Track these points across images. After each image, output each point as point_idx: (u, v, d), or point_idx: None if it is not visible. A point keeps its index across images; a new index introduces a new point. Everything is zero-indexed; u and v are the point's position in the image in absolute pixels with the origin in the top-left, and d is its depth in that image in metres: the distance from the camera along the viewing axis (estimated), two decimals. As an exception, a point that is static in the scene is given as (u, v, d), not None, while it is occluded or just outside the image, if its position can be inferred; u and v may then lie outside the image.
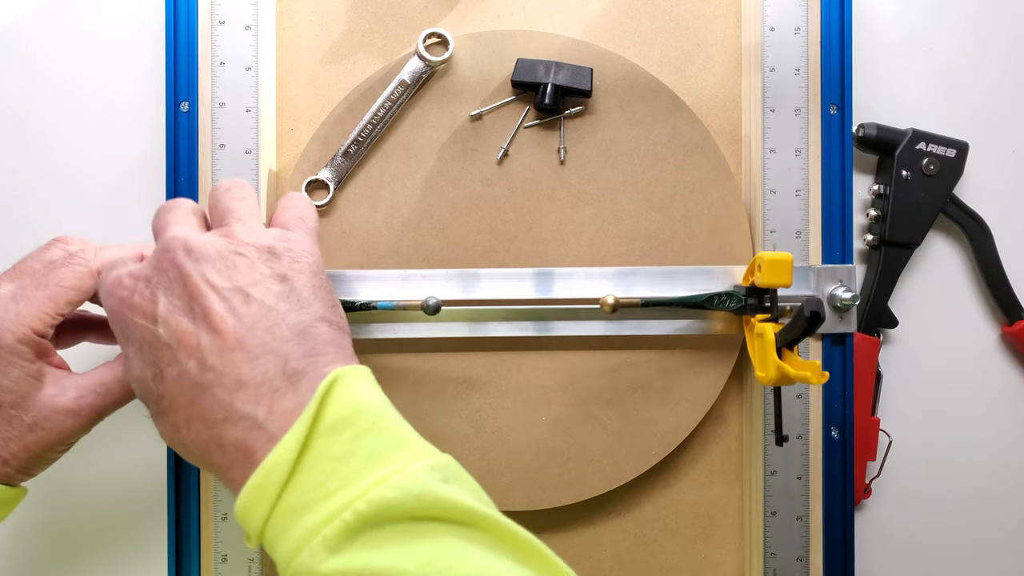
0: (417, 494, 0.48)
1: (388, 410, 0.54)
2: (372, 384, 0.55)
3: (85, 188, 0.82)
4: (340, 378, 0.52)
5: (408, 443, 0.52)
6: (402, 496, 0.48)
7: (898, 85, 0.85)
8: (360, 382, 0.54)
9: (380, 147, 0.79)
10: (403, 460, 0.50)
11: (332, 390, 0.52)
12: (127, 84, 0.82)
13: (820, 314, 0.62)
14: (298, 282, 0.57)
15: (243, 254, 0.57)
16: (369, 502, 0.47)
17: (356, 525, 0.47)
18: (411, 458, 0.51)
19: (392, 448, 0.51)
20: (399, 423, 0.54)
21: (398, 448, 0.51)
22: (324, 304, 0.58)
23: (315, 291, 0.58)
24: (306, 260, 0.59)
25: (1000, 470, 0.85)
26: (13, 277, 0.65)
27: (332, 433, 0.50)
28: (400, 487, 0.48)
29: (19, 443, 0.62)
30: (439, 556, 0.47)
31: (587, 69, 0.78)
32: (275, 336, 0.54)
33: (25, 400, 0.62)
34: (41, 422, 0.62)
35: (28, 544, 0.81)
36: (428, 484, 0.49)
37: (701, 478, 0.82)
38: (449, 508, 0.48)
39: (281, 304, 0.56)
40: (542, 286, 0.77)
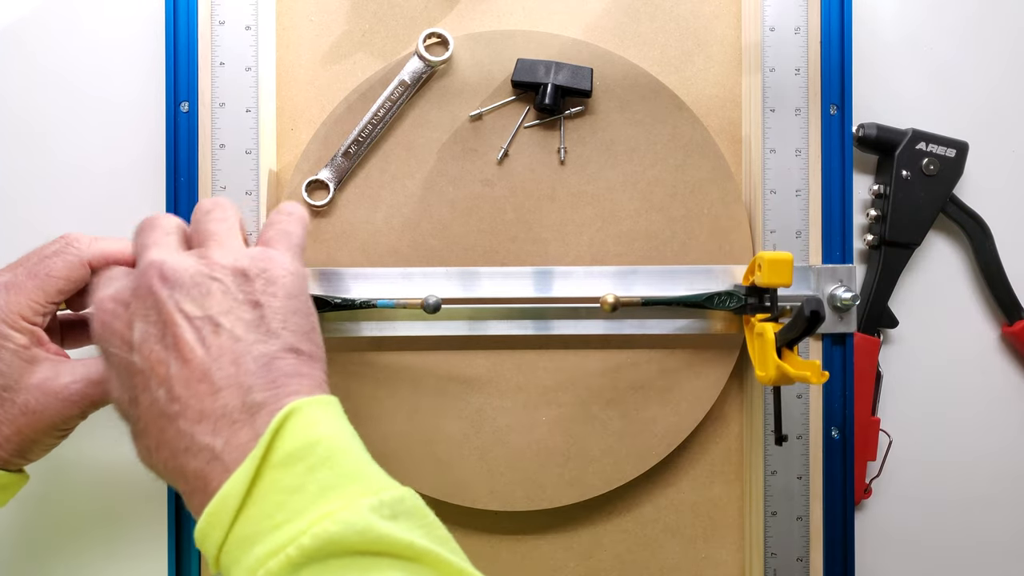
0: (360, 529, 0.48)
1: (345, 443, 0.53)
2: (334, 416, 0.55)
3: (85, 188, 0.82)
4: (296, 411, 0.52)
5: (360, 477, 0.52)
6: (345, 531, 0.47)
7: (898, 85, 0.85)
8: (318, 414, 0.53)
9: (380, 147, 0.79)
10: (351, 495, 0.50)
11: (287, 423, 0.51)
12: (127, 84, 0.82)
13: (820, 314, 0.62)
14: (270, 308, 0.57)
15: (218, 279, 0.57)
16: (313, 536, 0.47)
17: (299, 560, 0.47)
18: (360, 493, 0.50)
19: (343, 483, 0.51)
20: (356, 457, 0.53)
21: (349, 483, 0.51)
22: (295, 332, 0.57)
23: (287, 318, 0.57)
24: (282, 282, 0.59)
25: (1000, 470, 0.85)
26: (12, 267, 0.66)
27: (283, 466, 0.50)
28: (344, 522, 0.48)
29: (11, 426, 0.63)
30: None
31: (587, 69, 0.78)
32: (239, 368, 0.54)
33: (18, 383, 0.63)
34: (32, 404, 0.63)
35: (28, 543, 0.81)
36: (371, 520, 0.48)
37: (701, 478, 0.82)
38: (392, 544, 0.48)
39: (250, 334, 0.55)
40: (542, 285, 0.77)
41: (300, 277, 0.61)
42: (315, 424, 0.52)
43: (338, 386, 0.77)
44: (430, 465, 0.78)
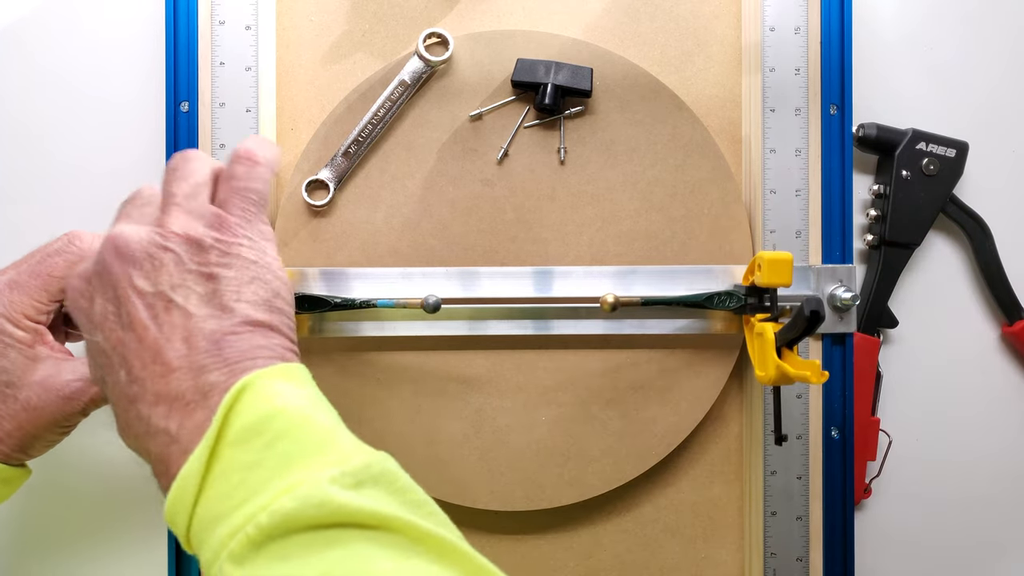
0: (318, 503, 0.46)
1: (306, 413, 0.51)
2: (296, 385, 0.53)
3: (85, 188, 0.82)
4: (249, 386, 0.51)
5: (323, 448, 0.50)
6: (303, 506, 0.46)
7: (898, 85, 0.85)
8: (275, 387, 0.51)
9: (380, 147, 0.79)
10: (311, 467, 0.48)
11: (240, 399, 0.50)
12: (127, 84, 0.82)
13: (820, 313, 0.62)
14: (224, 280, 0.55)
15: (170, 249, 0.55)
16: (270, 514, 0.46)
17: (259, 538, 0.46)
18: (321, 464, 0.49)
19: (303, 455, 0.49)
20: (318, 426, 0.51)
21: (309, 454, 0.49)
22: (252, 303, 0.56)
23: (242, 288, 0.56)
24: (236, 251, 0.57)
25: (1000, 470, 0.85)
26: (16, 266, 0.67)
27: (239, 443, 0.49)
28: (300, 497, 0.46)
29: (12, 421, 0.63)
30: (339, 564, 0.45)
31: (587, 69, 0.78)
32: (191, 347, 0.53)
33: (20, 379, 0.64)
34: (34, 401, 0.63)
35: (28, 543, 0.81)
36: (330, 492, 0.47)
37: (701, 478, 0.82)
38: (354, 514, 0.47)
39: (202, 309, 0.54)
40: (542, 285, 0.77)
41: (259, 241, 0.59)
42: (271, 397, 0.51)
43: (338, 386, 0.77)
44: (430, 465, 0.78)
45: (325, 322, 0.77)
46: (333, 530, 0.46)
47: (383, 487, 0.49)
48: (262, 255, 0.58)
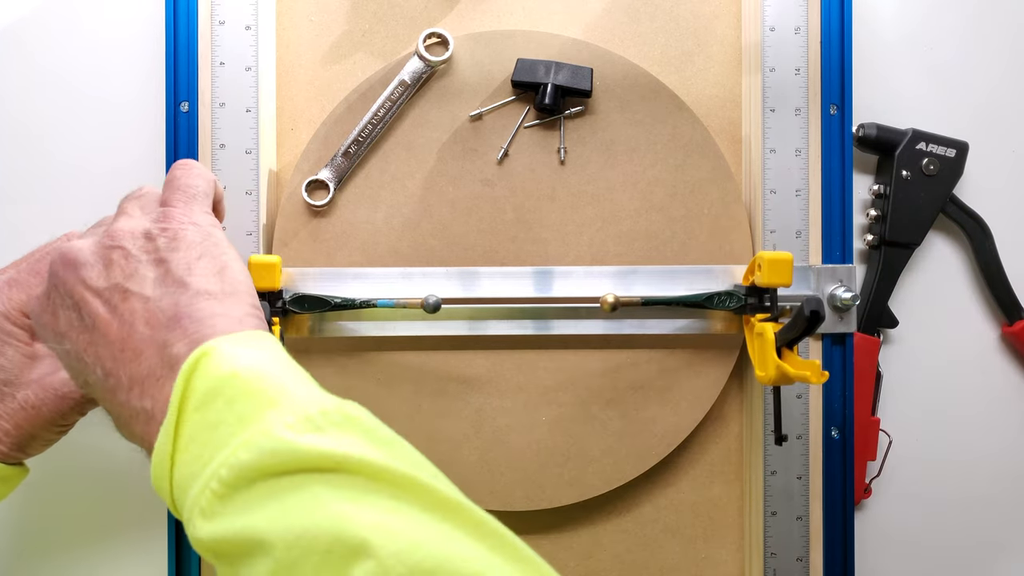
0: (271, 450, 0.46)
1: (264, 370, 0.51)
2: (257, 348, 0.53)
3: (85, 188, 0.82)
4: (209, 352, 0.51)
5: (283, 399, 0.50)
6: (258, 455, 0.46)
7: (898, 85, 0.85)
8: (235, 349, 0.51)
9: (380, 147, 0.79)
10: (269, 418, 0.48)
11: (200, 365, 0.50)
12: (127, 84, 0.82)
13: (820, 313, 0.62)
14: (174, 261, 0.56)
15: (118, 247, 0.56)
16: (229, 467, 0.46)
17: (222, 491, 0.46)
18: (278, 414, 0.48)
19: (262, 407, 0.49)
20: (279, 380, 0.51)
21: (269, 406, 0.49)
22: (204, 275, 0.56)
23: (192, 264, 0.56)
24: (183, 235, 0.58)
25: (1000, 470, 0.85)
26: (15, 265, 0.67)
27: (202, 406, 0.49)
28: (254, 445, 0.46)
29: (10, 420, 0.63)
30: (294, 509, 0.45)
31: (587, 69, 0.78)
32: (154, 326, 0.53)
33: (18, 378, 0.64)
34: (32, 400, 0.63)
35: (28, 542, 0.81)
36: (283, 438, 0.47)
37: (701, 478, 0.82)
38: (310, 458, 0.46)
39: (157, 290, 0.55)
40: (542, 285, 0.77)
41: (204, 225, 0.60)
42: (231, 358, 0.51)
43: (338, 386, 0.77)
44: (430, 465, 0.78)
45: (325, 322, 0.77)
46: (291, 476, 0.46)
47: (346, 429, 0.49)
48: (208, 236, 0.59)
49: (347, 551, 0.43)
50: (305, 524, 0.44)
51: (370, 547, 0.42)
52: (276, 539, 0.44)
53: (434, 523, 0.46)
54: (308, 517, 0.45)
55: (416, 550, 0.43)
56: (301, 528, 0.44)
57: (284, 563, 0.44)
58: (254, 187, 0.77)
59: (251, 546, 0.45)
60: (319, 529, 0.44)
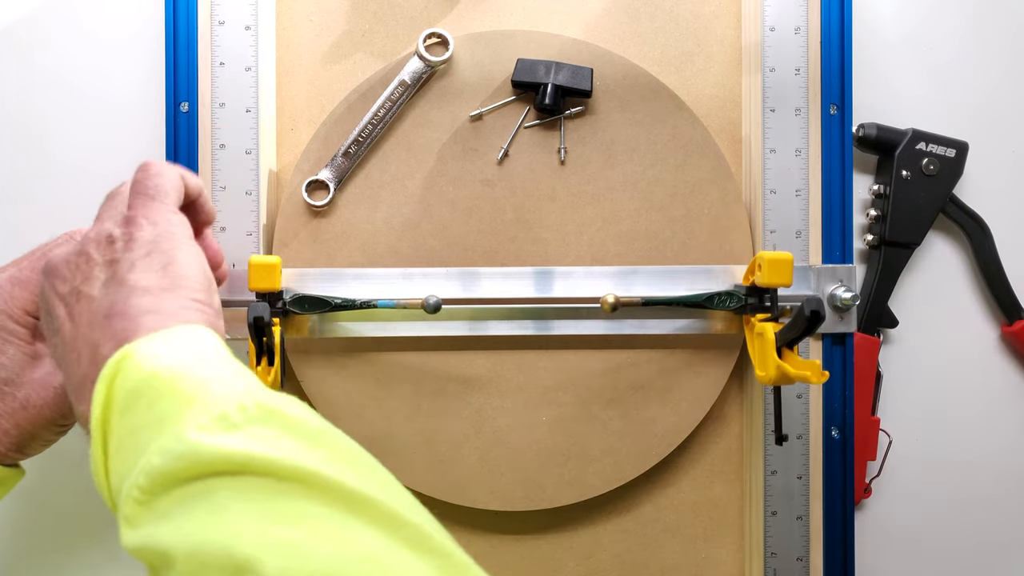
0: (179, 453, 0.45)
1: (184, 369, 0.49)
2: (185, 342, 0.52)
3: (85, 188, 0.81)
4: (130, 354, 0.50)
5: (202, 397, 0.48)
6: (168, 459, 0.45)
7: (898, 85, 0.85)
8: (156, 348, 0.50)
9: (380, 147, 0.79)
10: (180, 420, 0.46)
11: (121, 367, 0.49)
12: (127, 84, 0.82)
13: (820, 313, 0.62)
14: (123, 262, 0.56)
15: (84, 253, 0.57)
16: (146, 474, 0.45)
17: (142, 498, 0.45)
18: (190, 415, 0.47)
19: (181, 408, 0.47)
20: (204, 376, 0.49)
21: (186, 406, 0.47)
22: (145, 271, 0.55)
23: (137, 262, 0.56)
24: (138, 235, 0.57)
25: (1000, 470, 0.85)
26: (17, 263, 0.67)
27: (124, 411, 0.48)
28: (165, 451, 0.45)
29: (11, 420, 0.63)
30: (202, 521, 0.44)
31: (587, 69, 0.78)
32: (93, 327, 0.53)
33: (19, 377, 0.64)
34: (33, 399, 0.63)
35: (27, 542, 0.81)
36: (191, 440, 0.45)
37: (701, 478, 0.82)
38: (217, 461, 0.45)
39: (101, 291, 0.55)
40: (542, 285, 0.77)
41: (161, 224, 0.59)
42: (152, 358, 0.49)
43: (338, 386, 0.77)
44: (430, 465, 0.78)
45: (325, 323, 0.77)
46: (201, 481, 0.45)
47: (266, 424, 0.47)
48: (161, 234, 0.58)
49: (235, 568, 0.42)
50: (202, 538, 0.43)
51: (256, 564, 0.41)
52: (179, 553, 0.43)
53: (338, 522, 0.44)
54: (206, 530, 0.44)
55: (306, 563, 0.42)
56: (199, 542, 0.43)
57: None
58: (254, 187, 0.77)
59: (161, 558, 0.44)
60: (213, 544, 0.43)
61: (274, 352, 0.68)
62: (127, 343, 0.51)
